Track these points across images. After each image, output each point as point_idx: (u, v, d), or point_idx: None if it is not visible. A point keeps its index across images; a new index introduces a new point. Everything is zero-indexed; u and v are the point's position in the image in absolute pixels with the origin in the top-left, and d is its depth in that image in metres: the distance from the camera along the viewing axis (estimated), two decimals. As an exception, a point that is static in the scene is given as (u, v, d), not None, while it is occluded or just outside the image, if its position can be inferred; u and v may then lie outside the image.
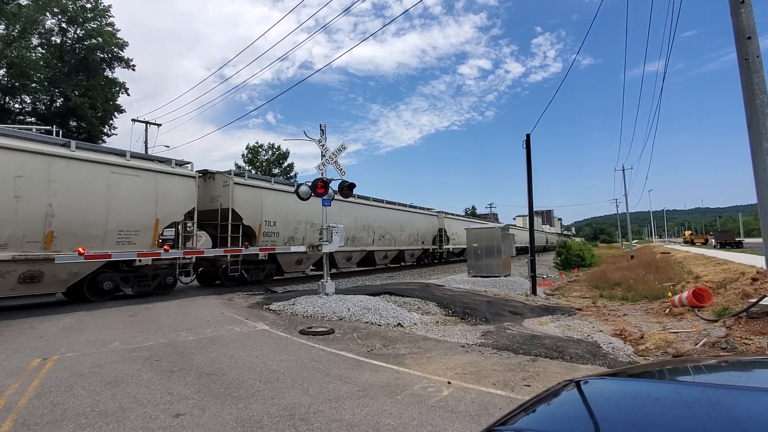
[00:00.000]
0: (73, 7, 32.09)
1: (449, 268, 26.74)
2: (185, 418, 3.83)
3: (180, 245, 14.02)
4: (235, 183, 15.10)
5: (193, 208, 13.84)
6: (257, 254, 15.60)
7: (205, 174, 15.64)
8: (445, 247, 31.25)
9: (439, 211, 32.11)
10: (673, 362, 2.09)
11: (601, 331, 8.13)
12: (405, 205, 27.29)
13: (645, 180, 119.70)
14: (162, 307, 10.70)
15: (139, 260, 12.10)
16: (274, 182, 17.49)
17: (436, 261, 32.01)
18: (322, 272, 20.56)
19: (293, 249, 17.10)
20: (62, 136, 12.35)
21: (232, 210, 14.81)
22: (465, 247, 32.88)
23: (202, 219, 15.05)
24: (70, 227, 10.60)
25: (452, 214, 34.74)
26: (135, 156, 12.59)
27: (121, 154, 12.23)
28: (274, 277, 17.32)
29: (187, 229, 14.36)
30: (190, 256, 13.65)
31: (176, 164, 13.63)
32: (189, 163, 14.15)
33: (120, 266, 12.01)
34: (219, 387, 4.68)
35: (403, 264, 28.11)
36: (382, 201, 24.62)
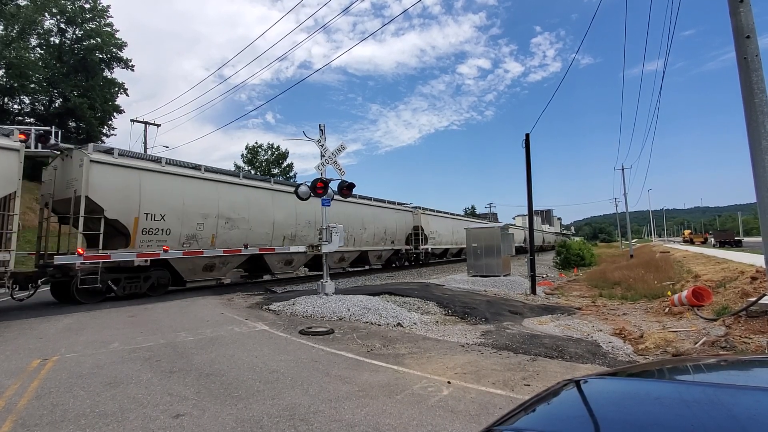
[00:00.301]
0: (71, 8, 32.06)
1: (439, 269, 26.55)
2: (185, 419, 3.83)
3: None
4: (93, 161, 11.38)
5: (13, 193, 10.05)
6: (132, 260, 12.04)
7: (56, 148, 12.19)
8: (422, 247, 27.79)
9: (416, 207, 28.71)
10: (672, 361, 2.09)
11: (601, 330, 8.14)
12: (369, 199, 23.48)
13: (644, 179, 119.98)
14: (161, 308, 10.70)
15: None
16: (166, 163, 13.48)
17: (408, 264, 28.29)
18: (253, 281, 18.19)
19: (293, 249, 17.04)
20: (61, 137, 12.27)
21: (87, 197, 11.21)
22: (447, 247, 32.27)
23: (56, 209, 12.24)
24: None
25: (432, 210, 31.20)
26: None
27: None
28: (169, 288, 13.61)
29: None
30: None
31: None
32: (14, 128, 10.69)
33: None
34: (219, 387, 4.68)
35: (368, 267, 24.63)
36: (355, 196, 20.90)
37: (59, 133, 14.27)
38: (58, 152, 12.27)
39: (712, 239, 60.60)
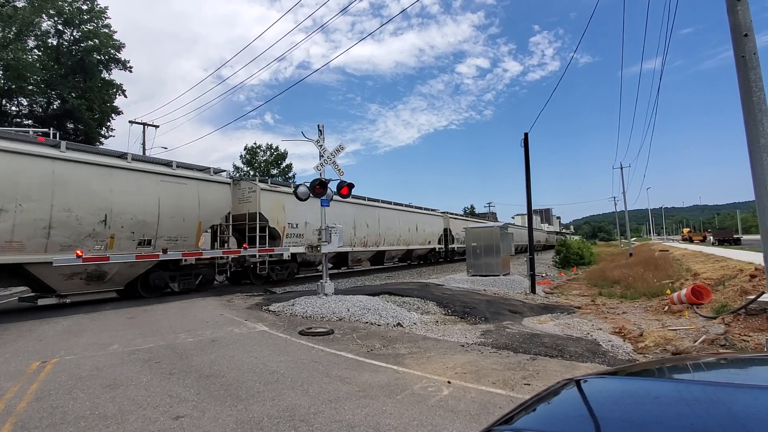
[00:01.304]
0: (69, 9, 32.00)
1: (452, 267, 26.78)
2: (185, 420, 3.83)
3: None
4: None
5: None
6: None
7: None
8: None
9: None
10: (672, 360, 2.10)
11: (601, 329, 8.15)
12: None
13: (643, 178, 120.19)
14: (161, 309, 10.68)
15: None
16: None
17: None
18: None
19: (292, 249, 17.09)
20: (59, 139, 12.29)
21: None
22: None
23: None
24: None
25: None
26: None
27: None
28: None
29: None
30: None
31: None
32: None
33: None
34: (219, 389, 4.67)
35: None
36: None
37: (57, 135, 14.27)
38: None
39: (711, 237, 60.68)
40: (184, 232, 13.51)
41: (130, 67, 35.85)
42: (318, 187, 10.96)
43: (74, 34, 33.06)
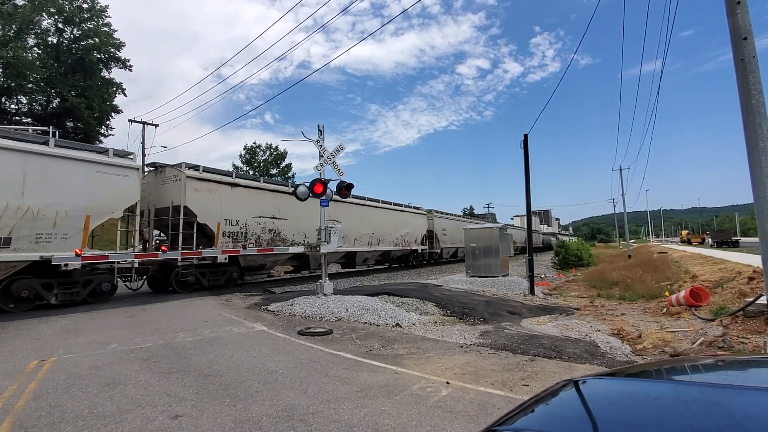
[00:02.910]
0: (69, 8, 31.97)
1: (443, 269, 26.61)
2: (184, 420, 3.83)
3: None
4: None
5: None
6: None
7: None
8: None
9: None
10: (670, 361, 2.10)
11: (599, 330, 8.15)
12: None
13: (642, 179, 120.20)
14: (160, 308, 10.68)
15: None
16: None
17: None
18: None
19: (291, 250, 17.03)
20: (59, 137, 12.26)
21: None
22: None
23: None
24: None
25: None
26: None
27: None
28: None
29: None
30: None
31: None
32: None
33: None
34: (217, 388, 4.67)
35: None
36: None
37: (56, 133, 14.24)
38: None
39: (710, 239, 60.82)
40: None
41: (130, 66, 35.85)
42: (318, 187, 10.96)
43: (74, 32, 33.04)
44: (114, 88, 35.44)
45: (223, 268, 14.81)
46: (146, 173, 15.12)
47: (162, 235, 15.98)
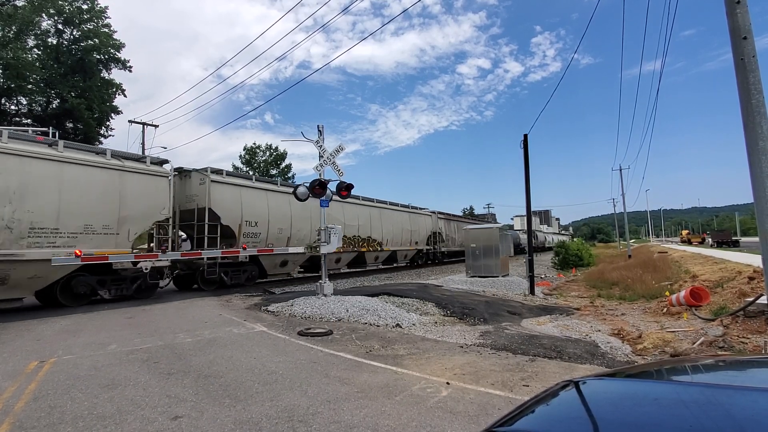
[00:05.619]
0: (69, 9, 31.99)
1: (445, 269, 26.66)
2: (183, 421, 3.82)
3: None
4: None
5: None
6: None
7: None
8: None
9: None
10: (671, 362, 2.10)
11: (599, 330, 8.15)
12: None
13: (642, 179, 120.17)
14: (159, 309, 10.67)
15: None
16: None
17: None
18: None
19: (291, 250, 17.04)
20: (59, 138, 12.26)
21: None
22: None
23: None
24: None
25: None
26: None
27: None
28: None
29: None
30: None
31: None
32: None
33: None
34: (217, 389, 4.67)
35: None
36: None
37: (56, 134, 14.25)
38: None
39: (710, 239, 60.82)
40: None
41: (130, 67, 35.86)
42: (317, 188, 10.97)
43: (74, 33, 33.05)
44: (114, 89, 35.44)
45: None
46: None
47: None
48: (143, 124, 30.95)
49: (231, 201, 14.97)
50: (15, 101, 31.60)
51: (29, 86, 30.01)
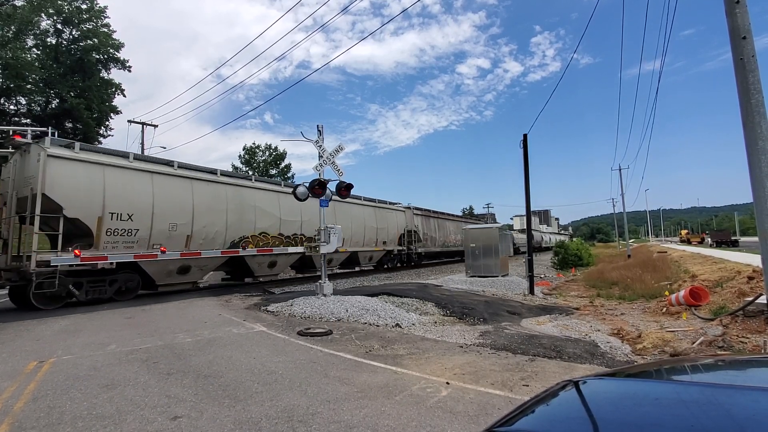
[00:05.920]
0: (68, 8, 31.96)
1: (445, 269, 26.58)
2: (183, 421, 3.82)
3: None
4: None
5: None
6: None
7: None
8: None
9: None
10: (670, 362, 2.10)
11: (599, 330, 8.16)
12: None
13: (641, 179, 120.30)
14: (159, 309, 10.66)
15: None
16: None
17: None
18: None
19: (291, 250, 17.01)
20: (58, 138, 12.20)
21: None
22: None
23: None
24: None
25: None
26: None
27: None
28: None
29: None
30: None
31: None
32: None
33: None
34: (217, 389, 4.66)
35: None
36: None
37: (56, 133, 14.23)
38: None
39: (709, 239, 60.87)
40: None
41: (129, 67, 35.84)
42: (317, 188, 10.96)
43: (73, 33, 33.03)
44: (113, 89, 35.44)
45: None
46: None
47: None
48: (142, 123, 30.92)
49: (85, 185, 11.02)
50: (14, 101, 31.58)
51: (28, 86, 30.00)
